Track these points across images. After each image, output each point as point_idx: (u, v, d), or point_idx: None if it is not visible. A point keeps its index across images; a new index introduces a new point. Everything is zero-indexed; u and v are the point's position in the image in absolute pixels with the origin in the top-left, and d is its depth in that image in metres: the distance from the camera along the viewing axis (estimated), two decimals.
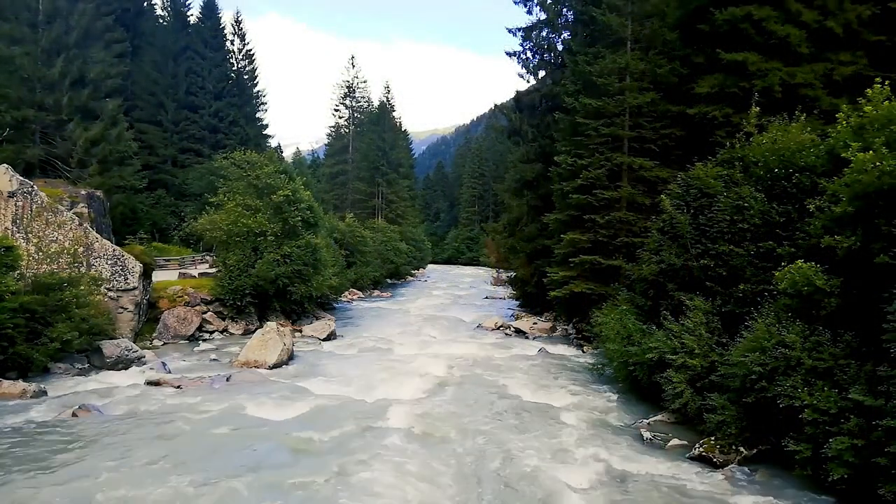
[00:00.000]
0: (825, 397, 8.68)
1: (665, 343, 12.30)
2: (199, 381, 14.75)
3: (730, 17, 16.89)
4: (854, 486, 8.28)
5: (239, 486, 8.64)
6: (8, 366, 13.86)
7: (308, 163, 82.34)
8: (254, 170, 25.44)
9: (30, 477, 8.69)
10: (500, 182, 56.88)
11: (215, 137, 45.77)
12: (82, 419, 11.42)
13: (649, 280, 14.66)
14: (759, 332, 10.04)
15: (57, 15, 28.82)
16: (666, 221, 14.31)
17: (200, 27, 48.21)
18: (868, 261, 8.98)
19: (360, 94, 71.28)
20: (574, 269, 21.30)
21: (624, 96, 20.57)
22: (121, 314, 18.84)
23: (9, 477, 8.65)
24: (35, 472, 8.89)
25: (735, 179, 13.05)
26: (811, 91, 16.34)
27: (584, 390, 15.23)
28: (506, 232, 35.05)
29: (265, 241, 23.61)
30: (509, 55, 29.98)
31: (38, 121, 28.17)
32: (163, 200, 41.79)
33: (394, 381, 15.55)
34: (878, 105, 9.92)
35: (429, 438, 11.15)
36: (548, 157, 25.60)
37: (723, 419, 10.42)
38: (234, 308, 22.98)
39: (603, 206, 20.57)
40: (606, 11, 21.65)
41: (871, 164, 8.90)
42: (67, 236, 17.99)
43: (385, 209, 64.70)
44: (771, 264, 11.18)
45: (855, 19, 16.66)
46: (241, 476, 8.97)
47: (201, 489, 8.46)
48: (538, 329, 25.47)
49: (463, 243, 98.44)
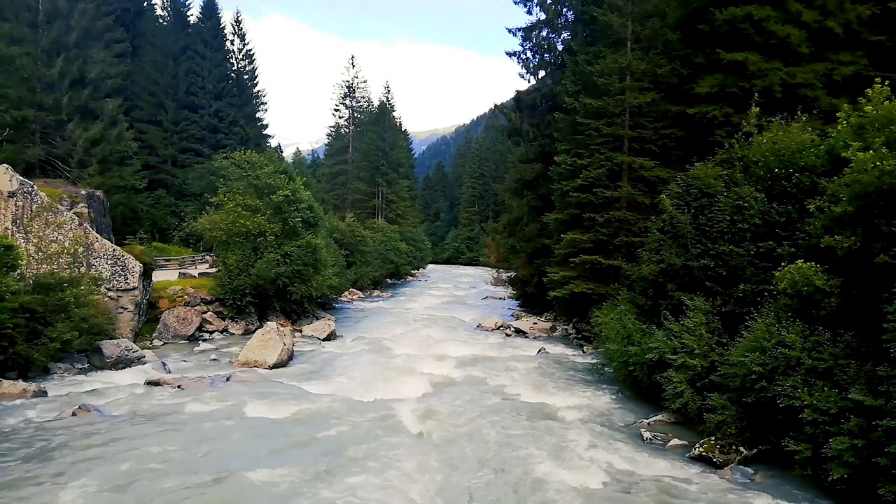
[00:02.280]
0: (825, 397, 8.68)
1: (665, 343, 12.30)
2: (198, 380, 14.75)
3: (730, 17, 16.89)
4: (854, 486, 8.28)
5: (238, 486, 8.65)
6: (8, 366, 13.87)
7: (308, 163, 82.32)
8: (254, 170, 25.46)
9: (30, 477, 8.69)
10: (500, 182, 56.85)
11: (215, 137, 45.76)
12: (82, 419, 11.41)
13: (649, 280, 14.66)
14: (759, 332, 10.04)
15: (57, 15, 28.84)
16: (666, 221, 14.32)
17: (200, 27, 48.20)
18: (868, 261, 8.97)
19: (360, 94, 71.41)
20: (574, 268, 21.30)
21: (624, 96, 20.58)
22: (121, 314, 18.85)
23: (9, 477, 8.65)
24: (35, 471, 8.88)
25: (735, 179, 13.05)
26: (811, 91, 16.33)
27: (584, 390, 15.23)
28: (506, 232, 35.06)
29: (265, 240, 23.62)
30: (509, 55, 30.01)
31: (38, 121, 28.19)
32: (163, 200, 41.81)
33: (394, 381, 15.54)
34: (878, 105, 9.92)
35: (429, 438, 11.15)
36: (548, 156, 25.61)
37: (723, 419, 10.43)
38: (234, 308, 22.99)
39: (603, 205, 20.57)
40: (607, 11, 21.66)
41: (872, 163, 8.89)
42: (67, 236, 17.99)
43: (385, 209, 64.71)
44: (771, 264, 11.18)
45: (855, 19, 16.65)
46: (241, 476, 8.97)
47: (201, 489, 8.46)
48: (538, 329, 25.48)
49: (463, 243, 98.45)
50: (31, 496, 8.09)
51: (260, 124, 52.38)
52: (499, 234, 37.68)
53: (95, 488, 8.34)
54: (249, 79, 51.64)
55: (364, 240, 43.43)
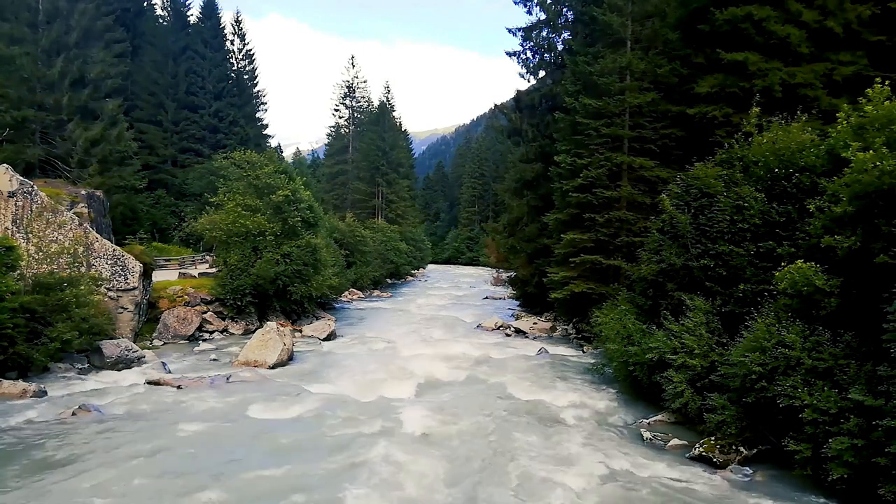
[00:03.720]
0: (825, 397, 8.69)
1: (665, 343, 12.30)
2: (198, 380, 14.76)
3: (730, 16, 16.88)
4: (854, 486, 8.28)
5: (239, 486, 8.65)
6: (8, 366, 13.87)
7: (308, 163, 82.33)
8: (254, 170, 25.47)
9: (30, 477, 8.69)
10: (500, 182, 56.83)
11: (215, 137, 45.76)
12: (82, 419, 11.42)
13: (649, 280, 14.65)
14: (759, 332, 10.04)
15: (57, 15, 28.82)
16: (666, 221, 14.31)
17: (200, 27, 48.20)
18: (868, 261, 8.97)
19: (360, 94, 71.41)
20: (574, 269, 21.30)
21: (624, 96, 20.57)
22: (121, 314, 18.85)
23: (9, 477, 8.65)
24: (35, 471, 8.89)
25: (735, 179, 13.04)
26: (811, 91, 16.33)
27: (584, 390, 15.22)
28: (506, 232, 35.05)
29: (265, 240, 23.62)
30: (509, 55, 29.98)
31: (38, 121, 28.18)
32: (163, 200, 41.81)
33: (394, 381, 15.55)
34: (878, 105, 9.92)
35: (429, 438, 11.15)
36: (548, 156, 25.58)
37: (723, 419, 10.43)
38: (234, 308, 22.99)
39: (603, 205, 20.57)
40: (607, 11, 21.65)
41: (872, 163, 8.90)
42: (67, 236, 17.98)
43: (385, 209, 64.71)
44: (771, 264, 11.18)
45: (855, 19, 16.64)
46: (241, 475, 8.98)
47: (201, 488, 8.46)
48: (538, 329, 25.47)
49: (463, 243, 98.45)
50: (31, 496, 8.10)
51: (260, 124, 52.39)
52: (499, 234, 37.66)
53: (96, 488, 8.34)
54: (249, 79, 51.65)
55: (364, 240, 43.43)
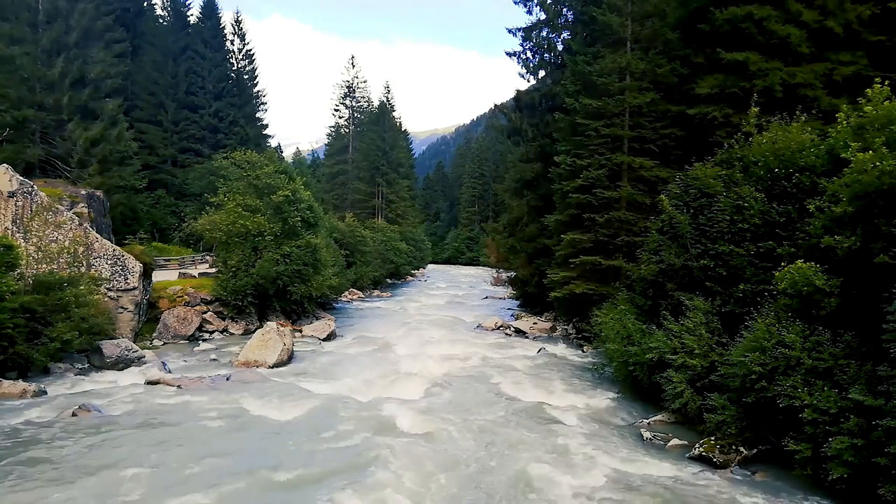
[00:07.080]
0: (825, 397, 8.69)
1: (665, 343, 12.30)
2: (198, 380, 14.76)
3: (730, 16, 16.89)
4: (854, 486, 8.28)
5: (239, 486, 8.65)
6: (8, 366, 13.86)
7: (308, 163, 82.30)
8: (254, 170, 25.46)
9: (30, 477, 8.69)
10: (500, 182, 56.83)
11: (215, 137, 45.78)
12: (82, 419, 11.41)
13: (649, 280, 14.66)
14: (759, 332, 10.05)
15: (57, 15, 28.82)
16: (666, 221, 14.31)
17: (200, 27, 48.22)
18: (868, 261, 8.98)
19: (360, 93, 71.43)
20: (574, 269, 21.30)
21: (624, 96, 20.56)
22: (121, 314, 18.84)
23: (9, 477, 8.64)
24: (35, 472, 8.88)
25: (735, 179, 13.05)
26: (811, 91, 16.34)
27: (584, 390, 15.23)
28: (506, 232, 35.06)
29: (265, 240, 23.62)
30: (509, 55, 30.01)
31: (38, 121, 28.18)
32: (163, 200, 41.80)
33: (394, 381, 15.55)
34: (878, 105, 9.92)
35: (429, 438, 11.14)
36: (548, 156, 25.60)
37: (723, 419, 10.43)
38: (235, 308, 22.99)
39: (603, 205, 20.57)
40: (606, 11, 21.65)
41: (871, 164, 8.90)
42: (67, 236, 17.98)
43: (385, 209, 64.71)
44: (771, 264, 11.18)
45: (855, 19, 16.65)
46: (241, 475, 8.97)
47: (201, 488, 8.46)
48: (538, 329, 25.47)
49: (463, 243, 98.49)
50: (31, 496, 8.09)
51: (260, 124, 52.41)
52: (499, 234, 37.67)
53: (96, 488, 8.34)
54: (249, 79, 51.67)
55: (364, 240, 43.43)
